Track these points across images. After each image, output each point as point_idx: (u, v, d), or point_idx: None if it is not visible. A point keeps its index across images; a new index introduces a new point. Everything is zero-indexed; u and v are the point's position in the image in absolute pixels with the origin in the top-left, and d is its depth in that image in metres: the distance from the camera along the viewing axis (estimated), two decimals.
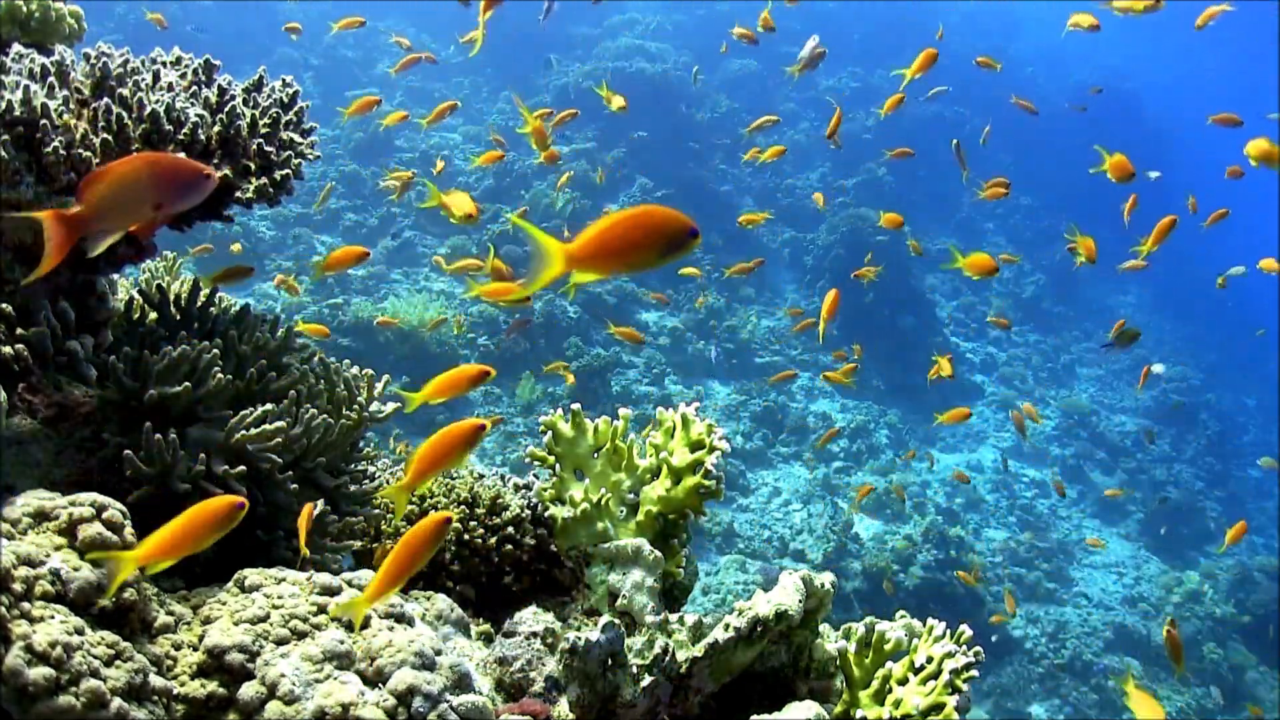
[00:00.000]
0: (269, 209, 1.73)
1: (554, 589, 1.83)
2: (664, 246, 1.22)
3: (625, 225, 1.20)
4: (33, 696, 0.99)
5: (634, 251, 1.22)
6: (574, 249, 1.18)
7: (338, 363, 1.69)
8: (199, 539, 1.21)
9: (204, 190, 1.30)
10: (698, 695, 1.46)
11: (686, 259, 2.10)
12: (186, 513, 1.21)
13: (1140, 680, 7.04)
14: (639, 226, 1.21)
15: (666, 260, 1.25)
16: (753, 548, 7.19)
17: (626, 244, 1.21)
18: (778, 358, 9.49)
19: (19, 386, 1.45)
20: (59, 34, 1.63)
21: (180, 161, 1.31)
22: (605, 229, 1.19)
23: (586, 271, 1.20)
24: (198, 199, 1.31)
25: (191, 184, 1.28)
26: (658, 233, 1.22)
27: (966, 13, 18.05)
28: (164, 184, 1.26)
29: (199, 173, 1.29)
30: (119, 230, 1.28)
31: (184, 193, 1.28)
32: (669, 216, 1.22)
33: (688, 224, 1.22)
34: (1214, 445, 10.90)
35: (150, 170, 1.26)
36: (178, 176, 1.28)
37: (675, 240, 1.22)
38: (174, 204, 1.28)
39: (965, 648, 1.46)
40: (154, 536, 1.18)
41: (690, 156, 11.98)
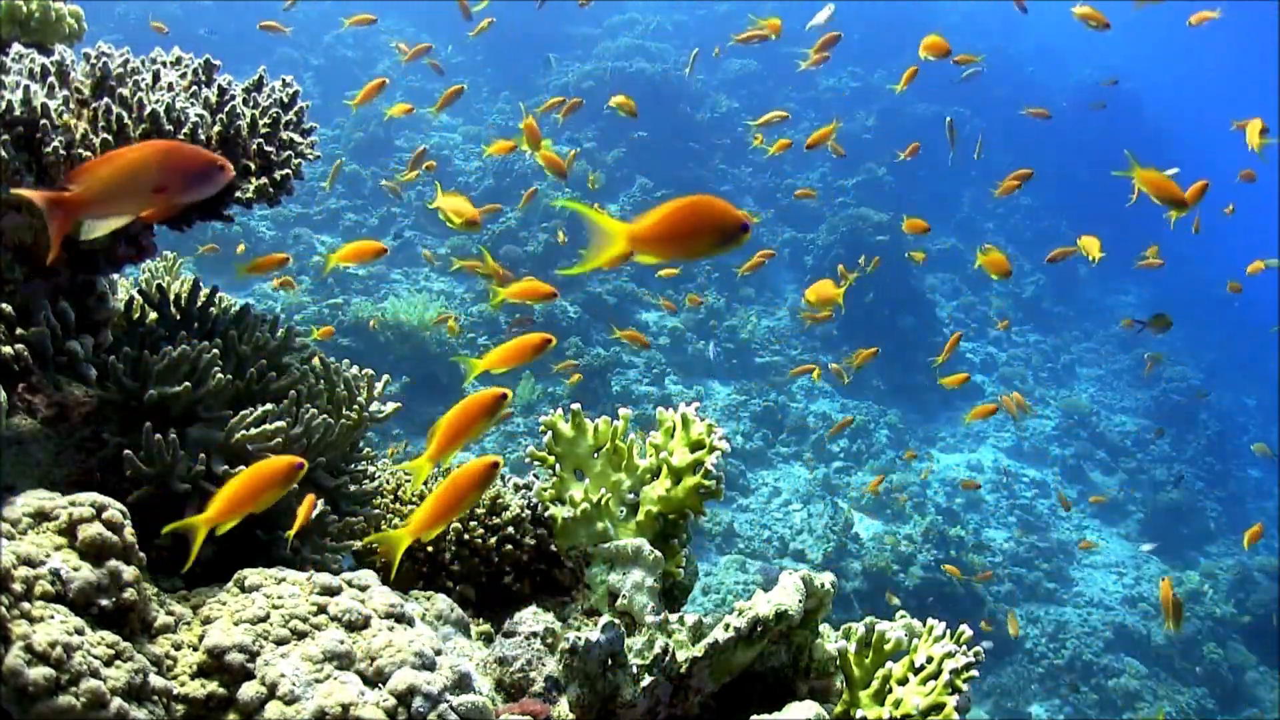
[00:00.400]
0: (269, 209, 1.73)
1: (554, 589, 1.83)
2: (718, 238, 1.28)
3: (684, 213, 1.26)
4: (33, 696, 0.99)
5: (690, 239, 1.28)
6: (636, 230, 1.24)
7: (338, 363, 1.69)
8: (260, 498, 1.27)
9: (215, 182, 1.28)
10: (698, 695, 1.46)
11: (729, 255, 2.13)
12: (247, 473, 1.28)
13: (1140, 680, 7.04)
14: (696, 215, 1.27)
15: (718, 252, 1.30)
16: (753, 548, 7.19)
17: (683, 231, 1.27)
18: (778, 358, 9.49)
19: (19, 386, 1.45)
20: (59, 34, 1.63)
21: (192, 150, 1.28)
22: (665, 215, 1.25)
23: (645, 253, 1.25)
24: (209, 190, 1.30)
25: (202, 174, 1.26)
26: (713, 224, 1.27)
27: (966, 13, 18.06)
28: (170, 170, 1.23)
29: (210, 163, 1.27)
30: (119, 216, 1.26)
31: (193, 182, 1.26)
32: (724, 210, 1.27)
33: (741, 218, 1.28)
34: (1214, 445, 10.90)
35: (159, 156, 1.24)
36: (187, 164, 1.25)
37: (728, 233, 1.27)
38: (181, 192, 1.26)
39: (965, 648, 1.46)
40: (220, 498, 1.25)
41: (690, 156, 11.98)
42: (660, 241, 1.26)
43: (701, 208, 1.26)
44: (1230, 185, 3.91)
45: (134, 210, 1.26)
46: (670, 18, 15.37)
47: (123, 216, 1.26)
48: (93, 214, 1.22)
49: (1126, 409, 11.48)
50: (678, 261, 1.38)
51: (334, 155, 10.05)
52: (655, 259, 1.29)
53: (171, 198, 1.25)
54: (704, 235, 1.27)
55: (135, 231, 1.57)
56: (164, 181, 1.23)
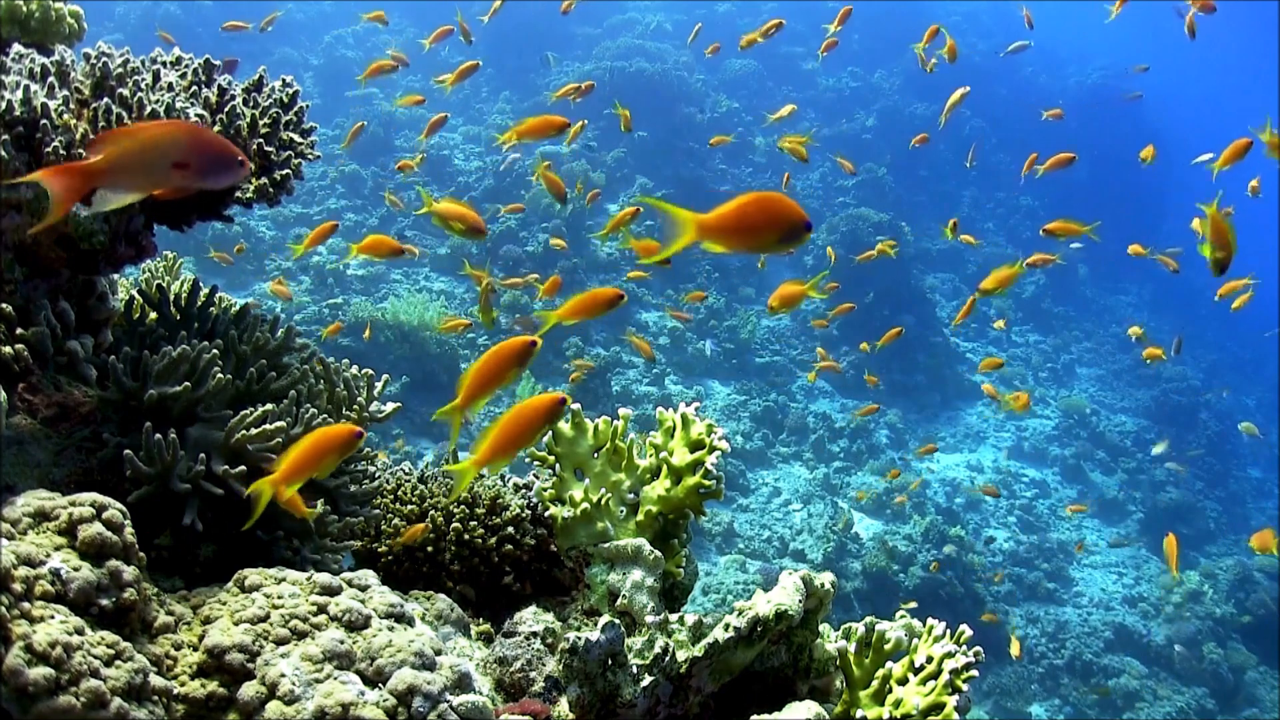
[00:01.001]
0: (269, 209, 1.73)
1: (554, 589, 1.83)
2: (782, 234, 1.33)
3: (752, 208, 1.31)
4: (33, 696, 0.99)
5: (756, 233, 1.33)
6: (706, 220, 1.30)
7: (338, 363, 1.69)
8: (324, 461, 1.33)
9: (235, 173, 1.27)
10: (698, 695, 1.46)
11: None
12: (311, 438, 1.32)
13: (1140, 680, 7.04)
14: (764, 211, 1.32)
15: (781, 249, 1.36)
16: (753, 548, 7.19)
17: (751, 226, 1.32)
18: (778, 358, 9.49)
19: (19, 386, 1.45)
20: (59, 34, 1.63)
21: (216, 135, 1.29)
22: (734, 209, 1.31)
23: (713, 242, 1.31)
24: (226, 180, 1.29)
25: (222, 160, 1.26)
26: (779, 221, 1.33)
27: (966, 13, 18.06)
28: (192, 150, 1.23)
29: (232, 153, 1.26)
30: (136, 191, 1.25)
31: (212, 167, 1.25)
32: (790, 208, 1.32)
33: (804, 217, 1.33)
34: (1214, 445, 10.90)
35: (183, 133, 1.24)
36: (209, 148, 1.25)
37: (793, 230, 1.33)
38: (199, 175, 1.25)
39: (965, 648, 1.46)
40: (286, 461, 1.31)
41: (690, 156, 11.99)
42: (727, 233, 1.31)
43: (768, 204, 1.32)
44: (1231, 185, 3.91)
45: (150, 186, 1.25)
46: (670, 18, 15.37)
47: (138, 192, 1.25)
48: (109, 184, 1.21)
49: (1126, 409, 11.48)
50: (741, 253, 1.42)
51: (334, 155, 10.06)
52: (721, 249, 1.33)
53: (189, 177, 1.24)
54: (768, 231, 1.33)
55: (135, 231, 1.57)
56: (185, 159, 1.22)
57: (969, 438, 9.92)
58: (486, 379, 1.46)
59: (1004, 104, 14.91)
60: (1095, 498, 9.63)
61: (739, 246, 1.36)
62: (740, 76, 14.28)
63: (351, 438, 1.34)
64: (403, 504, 1.81)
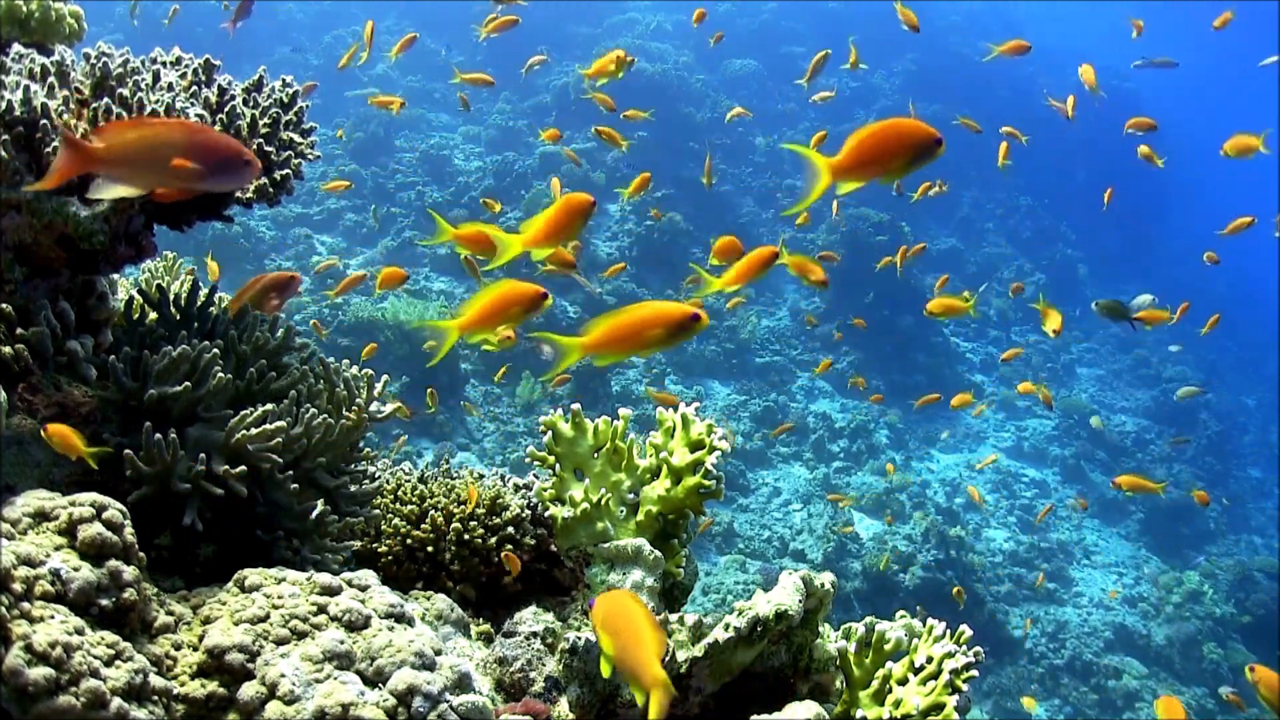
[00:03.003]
0: (269, 209, 1.73)
1: (554, 589, 1.83)
2: (913, 153, 1.33)
3: (878, 135, 1.32)
4: (33, 696, 0.99)
5: (888, 159, 1.33)
6: (836, 162, 1.31)
7: (338, 363, 1.69)
8: (509, 313, 1.42)
9: (241, 174, 1.24)
10: (698, 695, 1.46)
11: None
12: (498, 291, 1.39)
13: (1140, 680, 7.04)
14: (891, 135, 1.33)
15: (915, 167, 1.36)
16: (753, 548, 7.19)
17: (881, 151, 1.32)
18: (778, 358, 9.49)
19: (19, 386, 1.45)
20: (59, 34, 1.63)
21: (222, 136, 1.25)
22: (861, 140, 1.32)
23: (849, 180, 1.32)
24: (233, 182, 1.26)
25: (229, 162, 1.23)
26: (907, 140, 1.33)
27: (967, 13, 18.06)
28: (197, 150, 1.20)
29: (239, 154, 1.23)
30: (134, 185, 1.22)
31: (218, 169, 1.22)
32: (917, 126, 1.33)
33: (933, 133, 1.33)
34: (1214, 445, 10.90)
35: (187, 133, 1.20)
36: (215, 149, 1.22)
37: (923, 147, 1.33)
38: (205, 176, 1.22)
39: (965, 648, 1.46)
40: (470, 311, 1.39)
41: (690, 156, 11.98)
42: (859, 167, 1.31)
43: (894, 128, 1.33)
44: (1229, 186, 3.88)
45: (150, 183, 1.23)
46: (670, 18, 15.37)
47: (137, 187, 1.23)
48: (108, 173, 1.19)
49: (1126, 409, 11.48)
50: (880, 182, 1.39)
51: (334, 155, 10.06)
52: (857, 185, 1.34)
53: (192, 177, 1.21)
54: (899, 153, 1.32)
55: (135, 231, 1.57)
56: (189, 158, 1.20)
57: (969, 438, 9.93)
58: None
59: (1004, 104, 14.90)
60: (1095, 498, 9.63)
61: (876, 174, 1.36)
62: (740, 76, 14.28)
63: (537, 298, 1.42)
64: (403, 504, 1.81)
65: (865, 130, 1.31)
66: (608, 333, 1.34)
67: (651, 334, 1.39)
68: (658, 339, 1.35)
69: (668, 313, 1.39)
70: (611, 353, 1.36)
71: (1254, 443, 12.13)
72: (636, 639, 1.10)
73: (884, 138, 1.32)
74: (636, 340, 1.36)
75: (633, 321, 1.36)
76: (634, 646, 1.10)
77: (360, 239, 9.51)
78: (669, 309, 1.36)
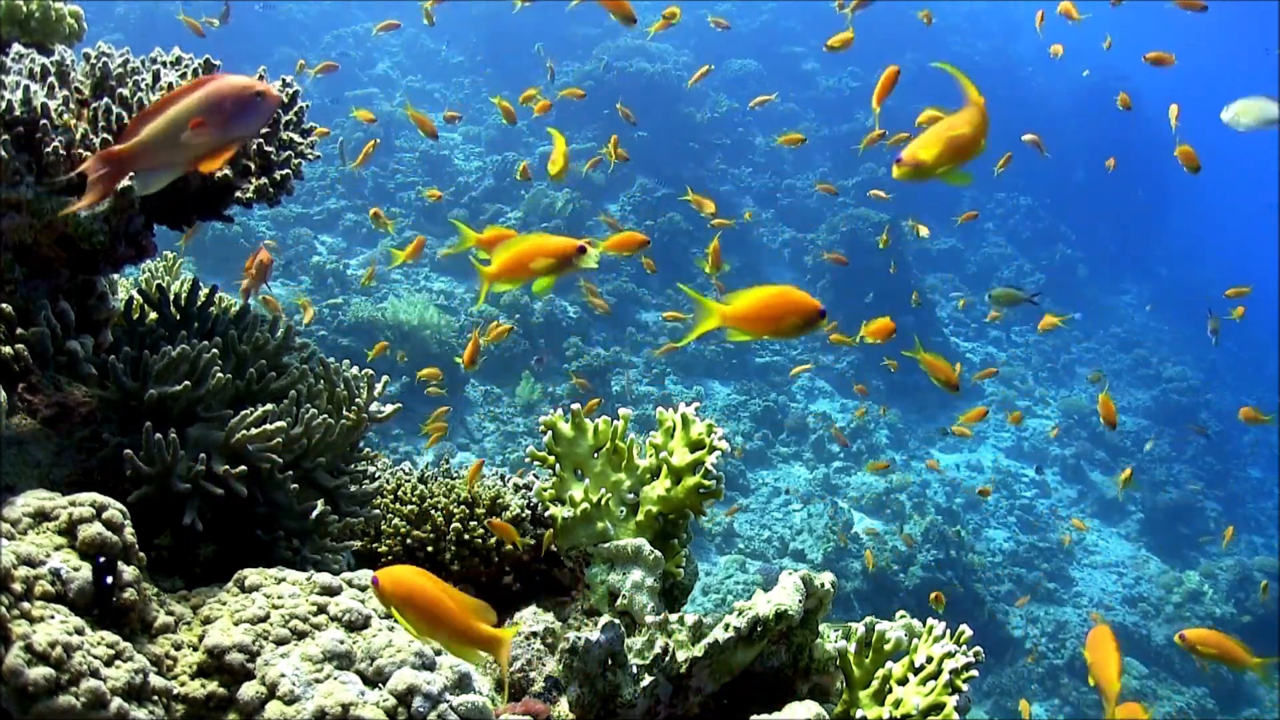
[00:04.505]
0: (269, 209, 1.73)
1: (554, 589, 1.83)
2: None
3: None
4: (33, 696, 0.99)
5: (969, 148, 1.36)
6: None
7: (338, 363, 1.69)
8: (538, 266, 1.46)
9: (259, 109, 1.22)
10: (698, 695, 1.46)
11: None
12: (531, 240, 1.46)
13: (1140, 680, 7.04)
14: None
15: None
16: (753, 548, 7.19)
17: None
18: (778, 357, 9.48)
19: (19, 386, 1.45)
20: (59, 34, 1.63)
21: (229, 80, 1.23)
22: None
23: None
24: (255, 120, 1.24)
25: (242, 102, 1.20)
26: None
27: (967, 13, 18.06)
28: (208, 106, 1.18)
29: (247, 89, 1.21)
30: (173, 169, 1.21)
31: (235, 115, 1.20)
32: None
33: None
34: (1214, 445, 10.90)
35: (199, 97, 1.19)
36: (225, 95, 1.20)
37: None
38: (224, 127, 1.20)
39: (965, 648, 1.46)
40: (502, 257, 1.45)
41: (690, 156, 11.99)
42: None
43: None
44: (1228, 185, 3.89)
45: (185, 158, 1.20)
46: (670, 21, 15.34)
47: (175, 166, 1.21)
48: (143, 166, 1.18)
49: (1126, 409, 11.47)
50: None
51: (334, 155, 10.06)
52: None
53: (214, 133, 1.19)
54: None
55: (135, 231, 1.57)
56: (202, 117, 1.18)
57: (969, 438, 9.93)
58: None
59: (1004, 104, 14.89)
60: (1095, 498, 9.63)
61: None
62: (740, 76, 14.28)
63: (573, 251, 1.46)
64: (403, 504, 1.81)
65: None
66: (748, 310, 1.37)
67: (788, 322, 1.41)
68: (792, 328, 1.37)
69: (804, 305, 1.41)
70: (746, 330, 1.37)
71: (1254, 443, 12.13)
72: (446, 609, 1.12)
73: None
74: (774, 325, 1.38)
75: (774, 306, 1.38)
76: (451, 616, 1.12)
77: (360, 239, 9.51)
78: (805, 301, 1.37)
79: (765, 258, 11.27)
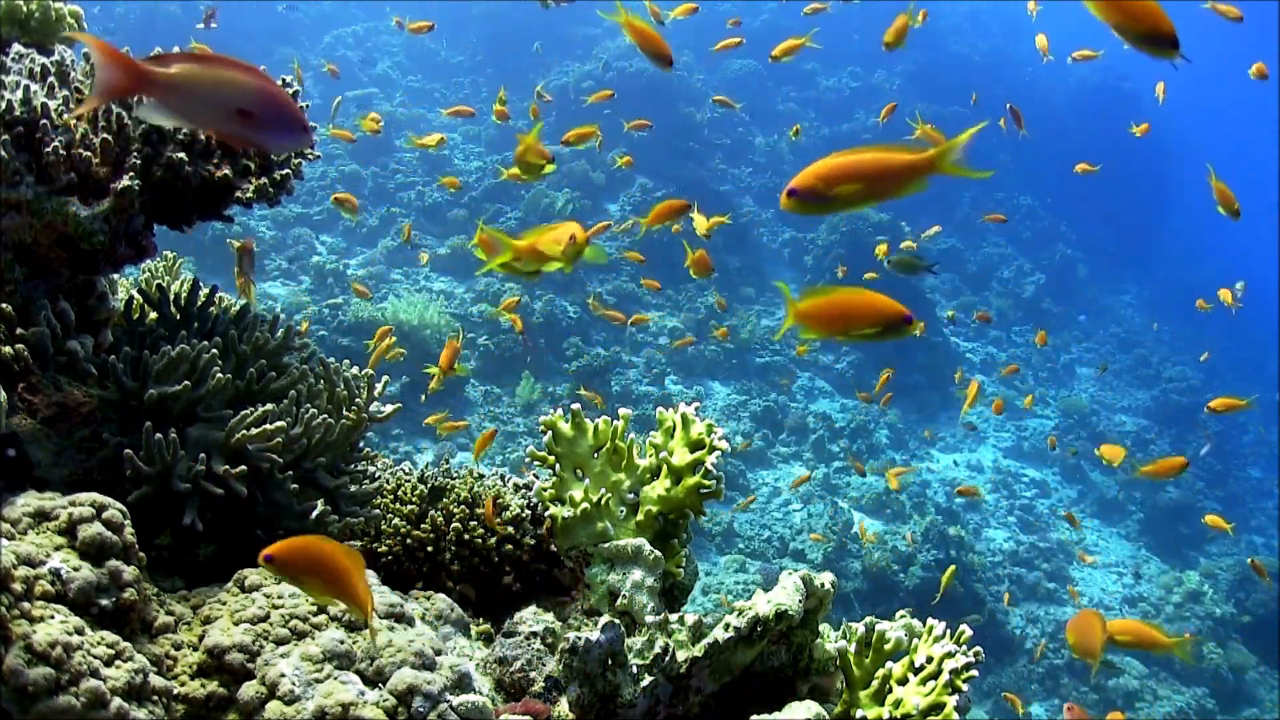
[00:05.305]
0: (269, 209, 1.73)
1: (554, 589, 1.83)
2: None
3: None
4: (33, 696, 0.99)
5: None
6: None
7: (338, 363, 1.69)
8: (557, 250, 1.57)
9: (297, 138, 1.22)
10: (698, 695, 1.46)
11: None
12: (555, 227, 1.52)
13: (1140, 680, 7.04)
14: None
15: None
16: (753, 548, 7.19)
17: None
18: (778, 358, 9.48)
19: (19, 386, 1.45)
20: (59, 34, 1.63)
21: (289, 99, 1.22)
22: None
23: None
24: (288, 144, 1.24)
25: (288, 122, 1.20)
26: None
27: (968, 13, 18.06)
28: (263, 103, 1.17)
29: (299, 118, 1.21)
30: (184, 121, 1.19)
31: (278, 126, 1.19)
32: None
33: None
34: (1214, 445, 10.90)
35: (258, 84, 1.17)
36: (280, 106, 1.19)
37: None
38: (262, 130, 1.18)
39: (965, 648, 1.46)
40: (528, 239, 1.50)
41: (690, 156, 11.99)
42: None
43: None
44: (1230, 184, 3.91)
45: (205, 122, 1.19)
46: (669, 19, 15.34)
47: (190, 122, 1.20)
48: (163, 100, 1.14)
49: (1126, 409, 11.48)
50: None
51: (334, 155, 10.06)
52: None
53: (250, 128, 1.18)
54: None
55: (135, 231, 1.57)
56: (251, 108, 1.16)
57: (969, 437, 9.92)
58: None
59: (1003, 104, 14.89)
60: (1095, 498, 9.63)
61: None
62: (740, 76, 14.28)
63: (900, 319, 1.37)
64: (403, 504, 1.81)
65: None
66: (822, 309, 1.31)
67: (863, 327, 1.35)
68: (866, 333, 1.32)
69: (883, 310, 1.34)
70: (819, 330, 1.32)
71: (1254, 443, 12.13)
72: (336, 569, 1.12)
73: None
74: (847, 328, 1.32)
75: (849, 307, 1.32)
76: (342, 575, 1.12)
77: (360, 239, 9.52)
78: (886, 306, 1.31)
79: (765, 257, 11.26)
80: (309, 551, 1.13)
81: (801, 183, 1.20)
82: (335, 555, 1.13)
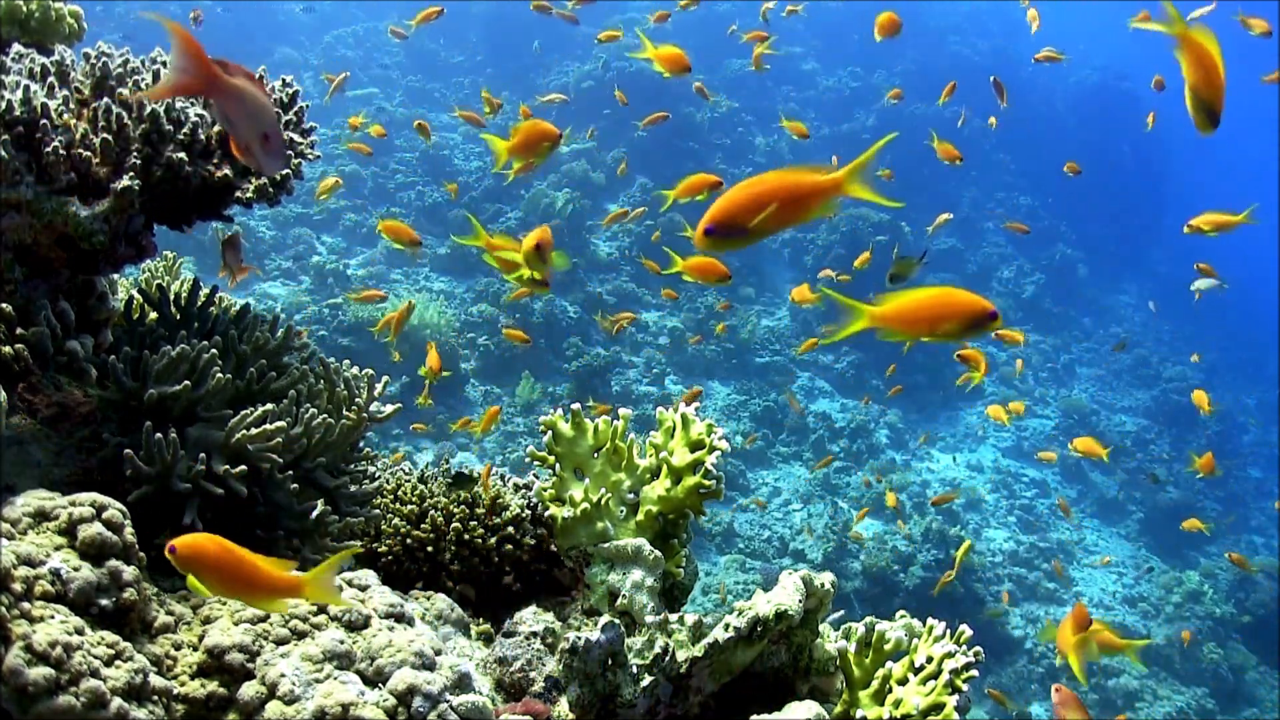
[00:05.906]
0: (269, 209, 1.74)
1: (554, 589, 1.83)
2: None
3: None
4: (33, 696, 0.99)
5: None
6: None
7: (338, 363, 1.69)
8: (541, 148, 1.77)
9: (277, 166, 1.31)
10: (698, 695, 1.46)
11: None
12: (528, 127, 1.76)
13: (1140, 680, 7.04)
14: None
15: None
16: (753, 548, 7.18)
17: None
18: (778, 358, 9.48)
19: (19, 386, 1.45)
20: (59, 34, 1.63)
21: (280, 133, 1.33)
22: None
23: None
24: (273, 169, 1.32)
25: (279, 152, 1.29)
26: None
27: (967, 13, 18.05)
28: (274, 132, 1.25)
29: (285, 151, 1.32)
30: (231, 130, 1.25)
31: (275, 154, 1.27)
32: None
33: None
34: (1214, 445, 10.89)
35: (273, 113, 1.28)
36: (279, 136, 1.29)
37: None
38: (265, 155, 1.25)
39: (965, 648, 1.46)
40: (514, 139, 1.71)
41: (690, 156, 11.98)
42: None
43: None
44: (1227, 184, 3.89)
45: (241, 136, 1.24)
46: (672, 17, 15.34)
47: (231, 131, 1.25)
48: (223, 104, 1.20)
49: (1126, 409, 11.47)
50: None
51: (334, 155, 10.05)
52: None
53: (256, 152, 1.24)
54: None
55: (135, 231, 1.57)
56: (268, 133, 1.24)
57: (969, 437, 9.93)
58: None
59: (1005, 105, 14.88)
60: (1095, 498, 9.63)
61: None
62: (740, 76, 14.27)
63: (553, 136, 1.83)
64: (403, 504, 1.81)
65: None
66: (901, 310, 1.28)
67: (945, 326, 1.31)
68: (951, 332, 1.29)
69: (966, 306, 1.31)
70: (900, 332, 1.29)
71: (1254, 443, 12.12)
72: (243, 566, 1.11)
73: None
74: (929, 328, 1.29)
75: (929, 306, 1.29)
76: (249, 571, 1.12)
77: (360, 239, 9.51)
78: (968, 302, 1.28)
79: (765, 257, 11.26)
80: (212, 544, 1.12)
81: (716, 219, 1.19)
82: (235, 548, 1.13)
